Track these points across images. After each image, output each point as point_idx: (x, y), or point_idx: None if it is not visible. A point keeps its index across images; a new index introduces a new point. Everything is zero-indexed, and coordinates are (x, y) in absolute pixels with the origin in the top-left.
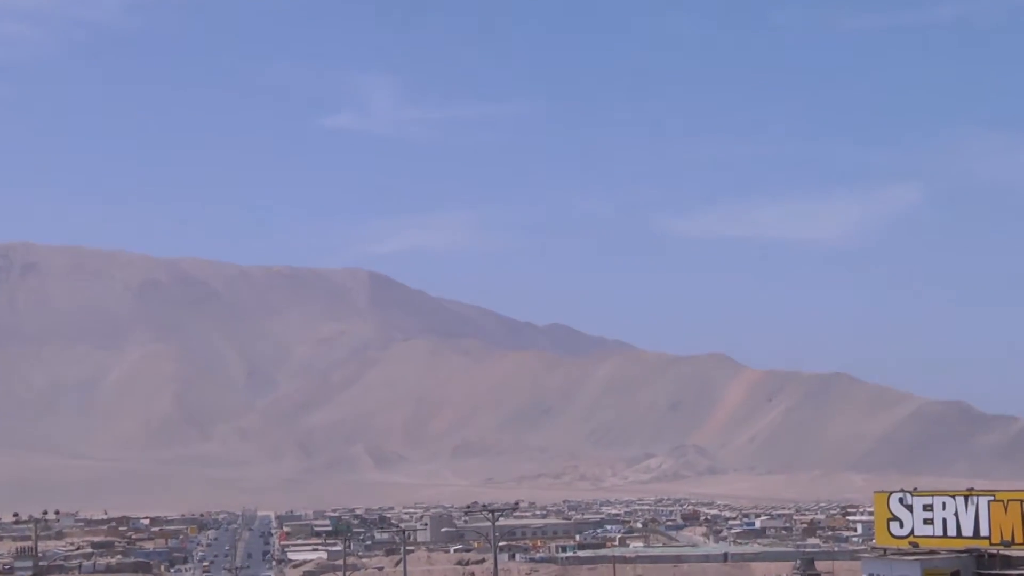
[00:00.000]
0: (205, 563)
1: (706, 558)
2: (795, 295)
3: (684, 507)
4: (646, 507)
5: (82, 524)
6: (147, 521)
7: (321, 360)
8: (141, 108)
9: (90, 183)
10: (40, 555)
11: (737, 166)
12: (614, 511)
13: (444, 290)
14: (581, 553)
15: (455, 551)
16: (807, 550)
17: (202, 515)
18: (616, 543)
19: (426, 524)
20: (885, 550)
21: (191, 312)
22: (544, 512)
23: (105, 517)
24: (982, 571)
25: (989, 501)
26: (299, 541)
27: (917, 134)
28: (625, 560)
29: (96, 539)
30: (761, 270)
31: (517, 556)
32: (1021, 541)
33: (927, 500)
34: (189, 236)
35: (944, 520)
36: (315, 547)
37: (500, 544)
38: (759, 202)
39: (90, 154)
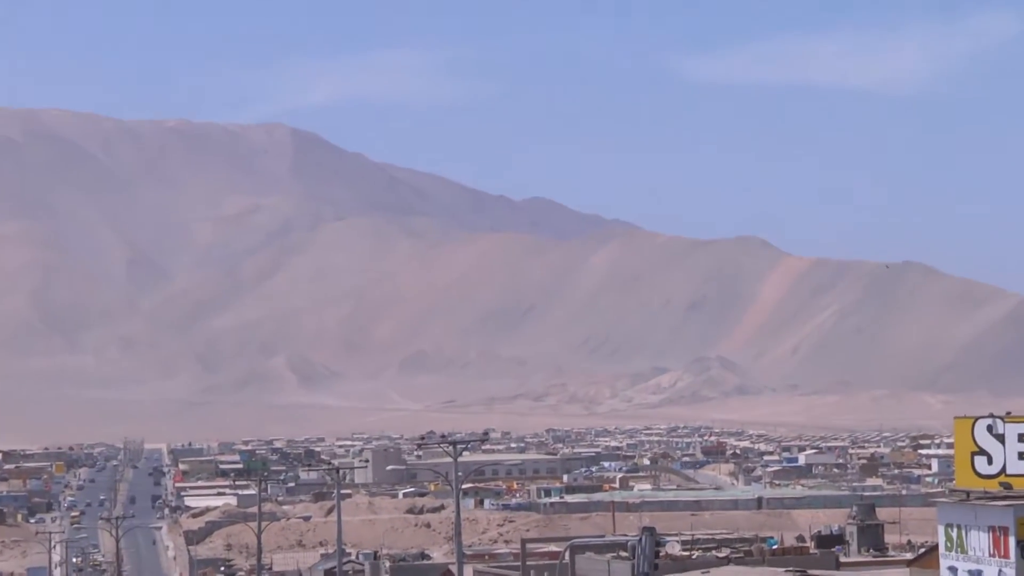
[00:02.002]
0: (75, 511)
1: (734, 504)
2: (852, 160)
3: (705, 438)
4: (656, 438)
5: None
6: None
7: (228, 245)
8: None
9: None
10: None
11: None
12: (614, 444)
13: (391, 154)
14: (570, 498)
15: (405, 495)
16: (866, 494)
17: (71, 449)
18: (616, 485)
19: (367, 461)
20: (968, 493)
21: (55, 180)
22: (522, 445)
23: None
24: None
25: None
26: (200, 483)
27: None
28: (628, 507)
29: None
30: (807, 128)
31: (487, 502)
32: None
33: None
34: (54, 81)
35: None
36: (220, 491)
37: (465, 487)
38: (804, 38)
39: None
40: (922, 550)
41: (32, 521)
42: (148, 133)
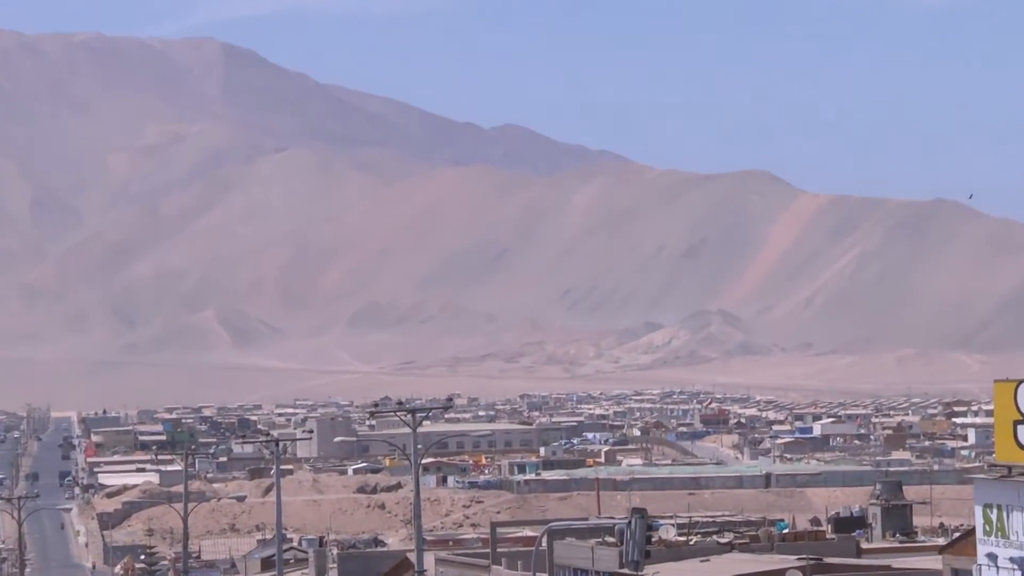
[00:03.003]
0: None
1: (739, 482)
2: (875, 83)
3: (705, 405)
4: (648, 405)
5: None
6: None
7: (148, 181)
8: None
9: None
10: None
11: None
12: (599, 411)
13: (340, 74)
14: (548, 475)
15: (355, 472)
16: (892, 469)
17: None
18: (601, 460)
19: (311, 432)
20: (1010, 468)
21: None
22: (492, 413)
23: None
24: None
25: None
26: (116, 458)
27: None
28: (615, 486)
29: None
30: (825, 42)
31: (451, 480)
32: None
33: None
34: None
35: None
36: (140, 467)
37: (425, 462)
38: None
39: None
40: (956, 535)
41: None
42: (54, 49)
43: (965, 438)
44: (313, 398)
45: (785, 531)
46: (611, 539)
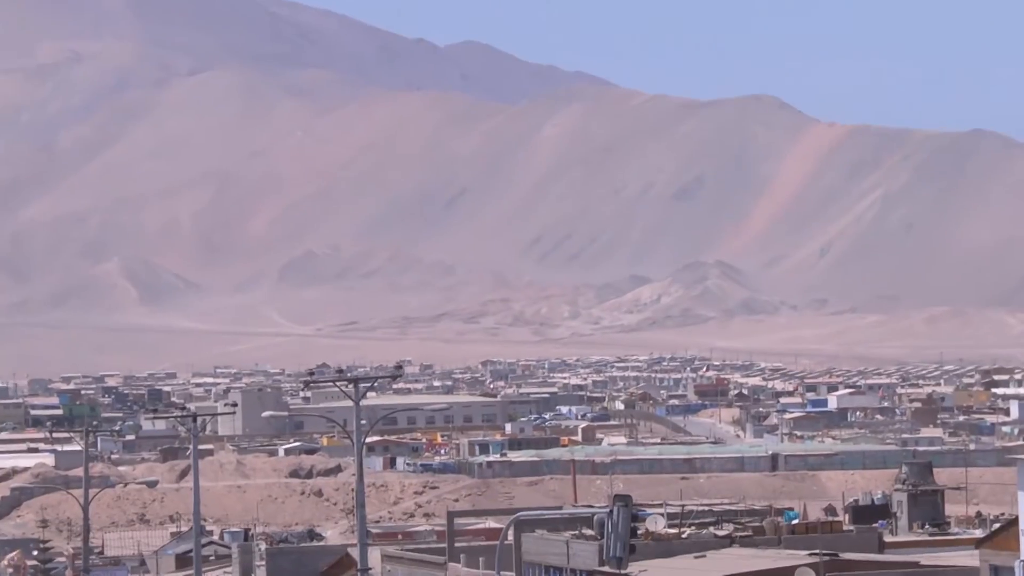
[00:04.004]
0: None
1: (740, 464)
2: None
3: (701, 374)
4: (632, 373)
5: None
6: None
7: (41, 109)
8: None
9: None
10: None
11: None
12: (575, 381)
13: None
14: (515, 456)
15: (287, 453)
16: (921, 449)
17: None
18: (578, 438)
19: (235, 405)
20: None
21: None
22: (449, 383)
23: None
24: None
25: None
26: (3, 436)
27: None
28: (595, 468)
29: None
30: None
31: (401, 461)
32: None
33: None
34: None
35: None
36: (32, 446)
37: (370, 440)
38: None
39: None
40: (996, 526)
41: None
42: None
43: (1007, 412)
44: (237, 365)
45: (794, 522)
46: (589, 532)
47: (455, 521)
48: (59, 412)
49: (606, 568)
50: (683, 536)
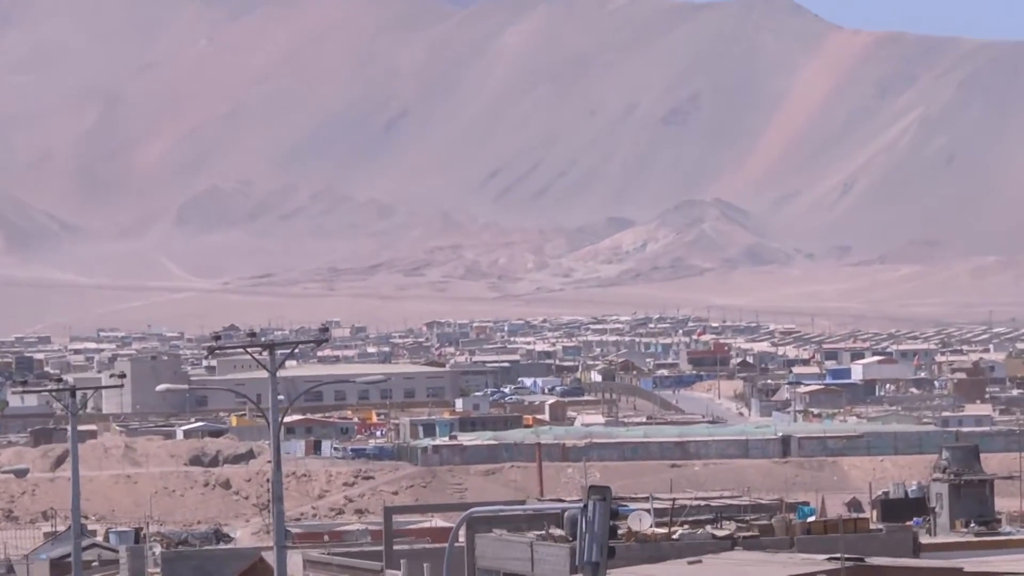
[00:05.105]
0: None
1: (744, 448)
2: None
3: (696, 338)
4: (612, 338)
5: None
6: None
7: None
8: None
9: None
10: None
11: None
12: (541, 347)
13: None
14: (467, 438)
15: (188, 435)
16: (965, 430)
17: None
18: (546, 416)
19: (123, 376)
20: None
21: None
22: (387, 350)
23: None
24: None
25: None
26: None
27: None
28: (565, 454)
29: None
30: None
31: (327, 446)
32: None
33: None
34: None
35: None
36: None
37: (289, 420)
38: None
39: None
40: None
41: None
42: None
43: None
44: (126, 328)
45: (810, 519)
46: (559, 531)
47: (393, 519)
48: None
49: None
50: (674, 537)
